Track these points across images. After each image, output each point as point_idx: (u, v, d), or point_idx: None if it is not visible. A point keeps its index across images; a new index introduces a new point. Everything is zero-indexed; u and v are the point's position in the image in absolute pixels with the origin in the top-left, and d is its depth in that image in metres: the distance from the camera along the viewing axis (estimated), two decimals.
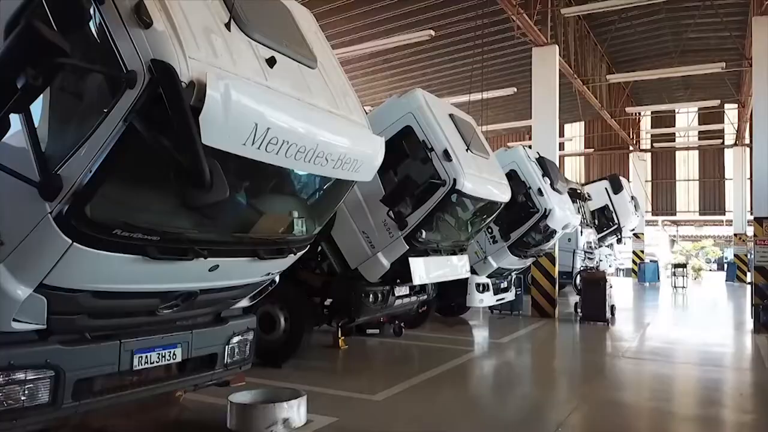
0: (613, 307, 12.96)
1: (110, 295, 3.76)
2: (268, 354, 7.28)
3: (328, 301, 8.08)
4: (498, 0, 11.70)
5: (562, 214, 11.24)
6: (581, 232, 17.06)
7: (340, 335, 8.94)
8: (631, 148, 28.64)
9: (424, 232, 7.53)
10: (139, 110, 3.06)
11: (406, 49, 16.17)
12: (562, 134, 29.43)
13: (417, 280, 7.65)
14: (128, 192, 3.50)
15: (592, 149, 31.57)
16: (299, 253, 4.84)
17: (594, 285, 12.49)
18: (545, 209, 10.86)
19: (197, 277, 4.12)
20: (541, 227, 11.16)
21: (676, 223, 37.37)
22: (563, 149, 30.47)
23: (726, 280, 26.46)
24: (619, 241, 21.79)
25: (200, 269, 3.98)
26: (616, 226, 20.60)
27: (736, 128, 26.21)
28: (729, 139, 28.21)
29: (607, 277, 12.68)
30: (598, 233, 19.41)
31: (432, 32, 13.16)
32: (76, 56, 3.06)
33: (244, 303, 5.18)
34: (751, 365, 9.18)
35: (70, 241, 3.24)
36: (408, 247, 7.51)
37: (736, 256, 26.76)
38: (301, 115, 3.75)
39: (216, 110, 3.11)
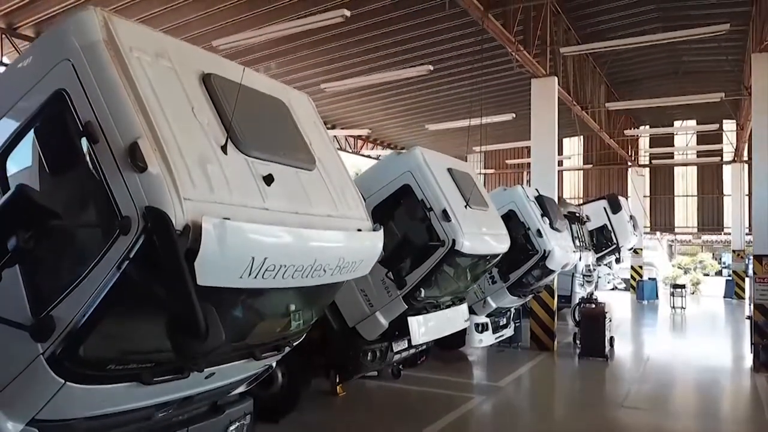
0: (612, 339, 12.93)
1: (104, 415, 3.69)
2: (265, 410, 7.19)
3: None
4: (497, 37, 11.63)
5: (562, 254, 11.15)
6: (580, 256, 16.96)
7: (337, 381, 8.88)
8: (629, 163, 28.60)
9: (423, 291, 7.47)
10: (133, 257, 2.99)
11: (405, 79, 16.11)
12: (561, 151, 29.37)
13: (416, 340, 7.59)
14: (122, 329, 3.42)
15: (591, 165, 31.51)
16: (296, 344, 4.79)
17: (593, 320, 12.42)
18: (544, 250, 10.78)
19: (193, 385, 4.05)
20: (540, 267, 11.09)
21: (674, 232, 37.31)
22: (561, 165, 30.41)
23: (724, 297, 26.43)
24: (617, 260, 21.71)
25: (196, 379, 3.92)
26: (614, 246, 20.51)
27: (735, 147, 26.17)
28: (727, 156, 28.17)
29: (606, 312, 12.59)
30: (596, 253, 19.31)
31: (431, 67, 13.12)
32: (69, 194, 3.00)
33: (241, 389, 5.12)
34: (751, 414, 9.12)
35: (63, 381, 3.18)
36: (407, 306, 7.46)
37: (734, 272, 26.77)
38: (298, 236, 3.66)
39: (212, 252, 3.04)
